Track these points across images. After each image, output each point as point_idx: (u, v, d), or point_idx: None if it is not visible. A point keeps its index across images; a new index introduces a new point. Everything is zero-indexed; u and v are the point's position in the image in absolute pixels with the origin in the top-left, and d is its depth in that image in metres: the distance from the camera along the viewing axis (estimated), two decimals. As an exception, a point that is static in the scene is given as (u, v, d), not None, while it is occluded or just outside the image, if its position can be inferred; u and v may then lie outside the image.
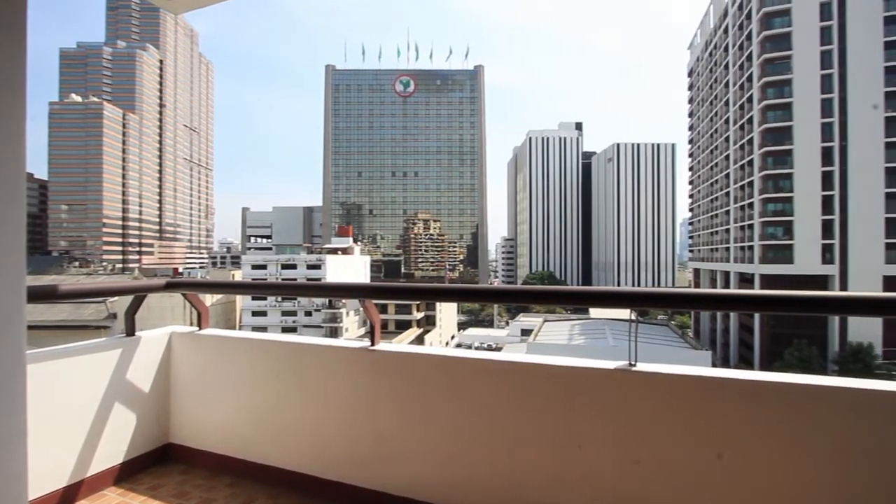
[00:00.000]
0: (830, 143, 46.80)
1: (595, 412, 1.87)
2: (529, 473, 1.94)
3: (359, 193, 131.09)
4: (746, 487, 1.64)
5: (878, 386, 1.53)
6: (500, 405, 2.02)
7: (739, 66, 55.66)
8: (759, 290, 2.65)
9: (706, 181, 70.28)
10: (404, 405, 2.20)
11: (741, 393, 1.68)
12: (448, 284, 2.30)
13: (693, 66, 77.55)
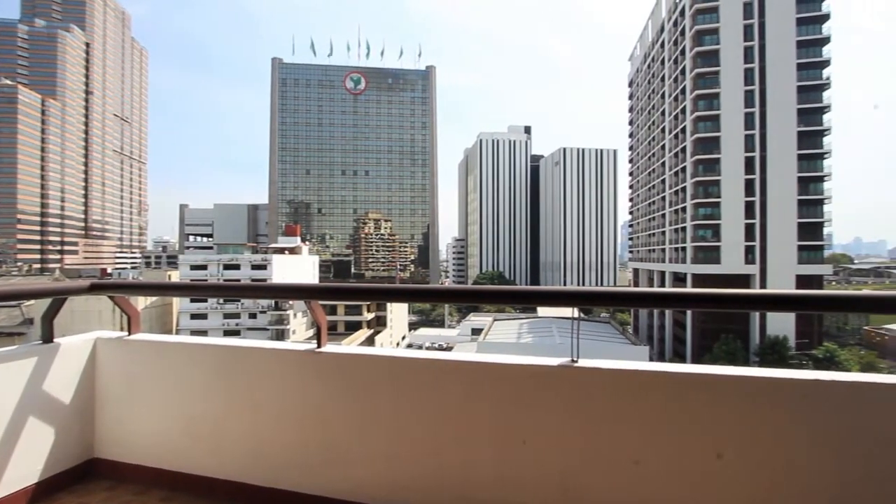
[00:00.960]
0: (752, 154, 51.07)
1: (540, 408, 1.92)
2: (477, 470, 1.97)
3: (307, 191, 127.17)
4: (682, 472, 1.77)
5: (793, 375, 1.71)
6: (448, 404, 2.03)
7: (674, 78, 59.41)
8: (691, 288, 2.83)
9: (645, 186, 74.42)
10: (352, 407, 2.16)
11: (672, 385, 1.81)
12: (398, 285, 2.24)
13: (633, 77, 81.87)
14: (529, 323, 50.46)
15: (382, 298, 2.44)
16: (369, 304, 55.61)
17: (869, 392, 1.64)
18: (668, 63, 61.61)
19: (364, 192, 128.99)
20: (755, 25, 51.33)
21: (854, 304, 1.89)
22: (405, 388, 2.10)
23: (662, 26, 64.74)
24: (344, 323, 56.75)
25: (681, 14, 57.39)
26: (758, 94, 51.01)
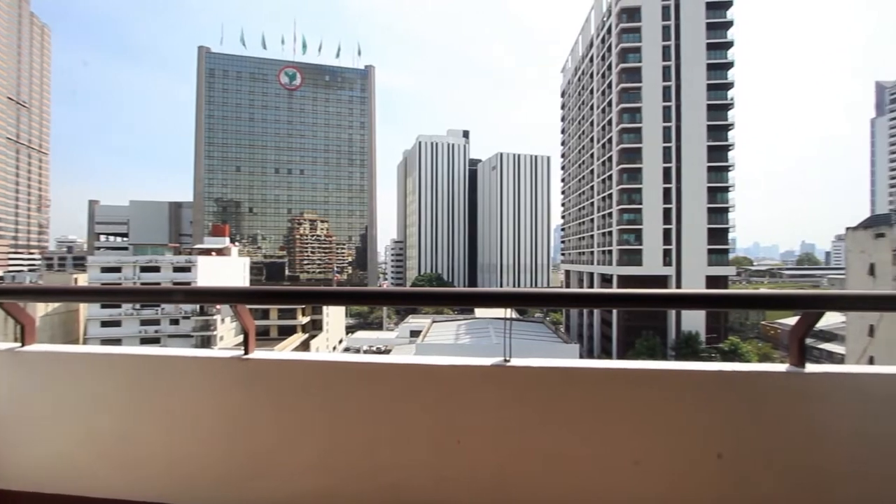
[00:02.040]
0: (669, 165, 55.52)
1: (474, 407, 1.95)
2: (412, 473, 1.97)
3: (237, 189, 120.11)
4: (609, 463, 1.90)
5: (702, 367, 1.90)
6: (382, 408, 2.01)
7: (602, 91, 63.14)
8: (616, 289, 2.98)
9: (575, 192, 78.31)
10: (282, 416, 2.06)
11: (597, 379, 1.94)
12: (335, 287, 2.14)
13: (565, 88, 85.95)
14: (467, 324, 51.20)
15: (317, 301, 2.35)
16: (304, 307, 53.67)
17: (763, 379, 1.86)
18: (597, 77, 65.37)
19: (299, 191, 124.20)
20: (672, 47, 55.93)
21: (753, 302, 2.13)
22: (339, 393, 2.04)
23: (591, 42, 68.60)
24: (277, 327, 54.33)
25: (608, 32, 61.16)
26: (674, 110, 55.61)
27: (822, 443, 1.81)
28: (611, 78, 59.33)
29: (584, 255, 71.81)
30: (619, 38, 57.26)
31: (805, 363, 1.87)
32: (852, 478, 1.81)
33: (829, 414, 1.82)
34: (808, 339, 1.99)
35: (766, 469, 1.82)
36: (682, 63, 55.52)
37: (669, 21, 56.02)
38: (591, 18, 69.53)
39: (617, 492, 1.89)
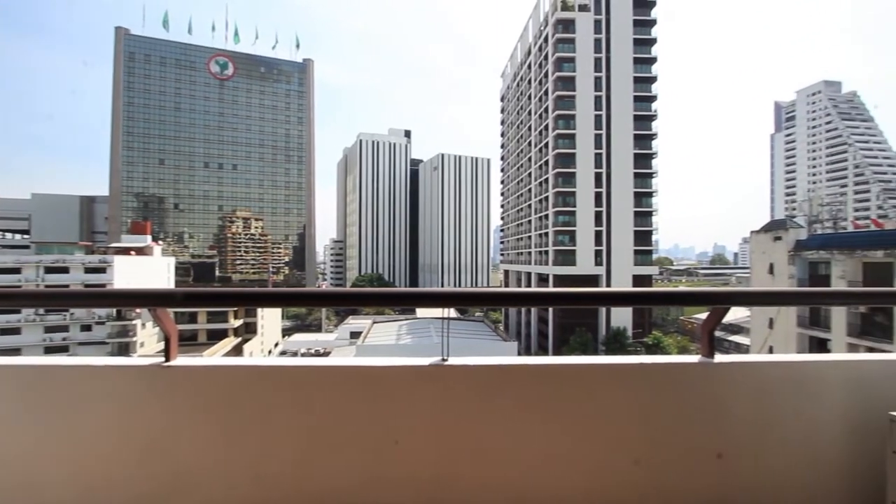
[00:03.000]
0: (600, 170, 58.75)
1: (412, 408, 1.95)
2: (348, 476, 1.94)
3: (161, 184, 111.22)
4: (546, 456, 1.99)
5: (626, 360, 2.06)
6: (319, 412, 1.94)
7: (539, 98, 65.52)
8: (553, 288, 3.11)
9: (514, 194, 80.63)
10: (209, 427, 1.92)
11: (531, 375, 2.02)
12: (270, 289, 2.01)
13: (504, 93, 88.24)
14: (409, 324, 51.08)
15: (249, 304, 2.23)
16: (236, 309, 50.90)
17: (678, 370, 2.05)
18: (534, 83, 67.74)
19: (231, 187, 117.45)
20: (603, 59, 59.23)
21: (673, 299, 2.32)
22: (272, 399, 1.94)
23: (530, 49, 70.98)
24: (206, 332, 51.08)
25: (545, 41, 63.57)
26: (605, 119, 58.95)
27: (729, 426, 2.02)
28: (547, 85, 61.69)
29: (523, 256, 74.11)
30: (554, 48, 59.70)
31: (714, 354, 2.07)
32: (753, 457, 2.03)
33: (734, 399, 2.03)
34: (719, 332, 2.23)
35: (680, 454, 2.00)
36: (612, 75, 58.97)
37: (601, 35, 59.26)
38: (530, 27, 71.95)
39: (549, 484, 1.98)
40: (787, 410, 2.04)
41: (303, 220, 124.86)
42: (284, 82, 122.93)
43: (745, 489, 2.02)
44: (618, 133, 58.60)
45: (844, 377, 2.07)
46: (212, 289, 2.08)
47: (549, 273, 60.18)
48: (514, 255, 79.56)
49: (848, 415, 2.03)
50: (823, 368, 2.08)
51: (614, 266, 58.31)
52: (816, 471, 2.02)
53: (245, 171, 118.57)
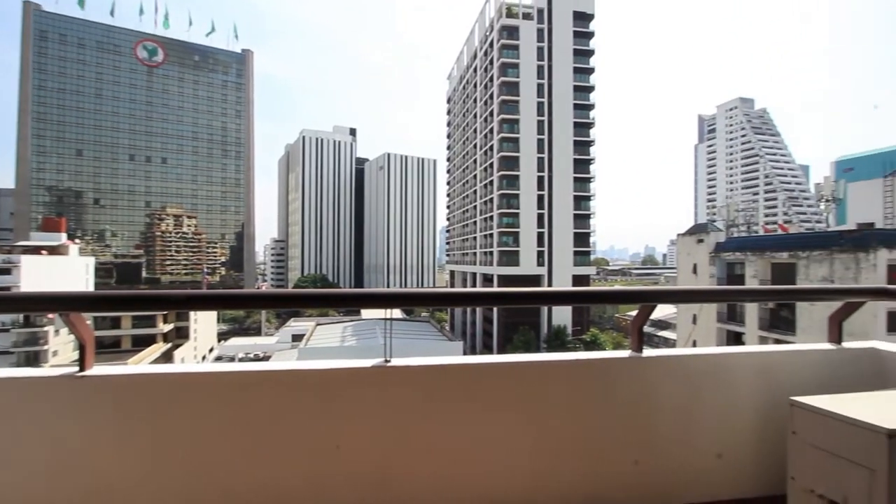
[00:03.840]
0: (542, 174, 60.82)
1: (354, 410, 1.94)
2: (290, 483, 1.89)
3: (79, 177, 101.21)
4: (489, 453, 2.05)
5: (563, 357, 2.18)
6: (256, 420, 1.87)
7: (484, 101, 66.70)
8: (497, 288, 3.19)
9: (460, 195, 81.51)
10: (132, 441, 1.78)
11: (472, 374, 2.09)
12: (203, 290, 1.88)
13: (451, 95, 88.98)
14: (354, 325, 50.14)
15: (178, 307, 2.08)
16: (166, 313, 47.53)
17: (611, 364, 2.19)
18: (480, 87, 68.87)
19: (161, 182, 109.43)
20: (545, 67, 61.36)
21: (608, 298, 2.47)
22: (205, 408, 1.84)
23: (476, 53, 72.07)
24: (131, 338, 47.32)
25: (490, 46, 64.82)
26: (546, 125, 61.08)
27: (656, 415, 2.17)
28: (493, 89, 62.96)
29: (468, 256, 75.08)
30: (499, 53, 61.05)
31: (643, 348, 2.22)
32: (678, 442, 2.20)
33: (661, 390, 2.19)
34: (651, 328, 2.41)
35: (612, 444, 2.13)
36: (554, 82, 61.25)
37: (543, 43, 61.36)
38: (476, 31, 73.06)
39: (491, 479, 2.04)
40: (706, 398, 2.23)
41: (241, 219, 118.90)
42: (221, 73, 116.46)
43: (670, 472, 2.19)
44: (559, 138, 60.96)
45: (754, 367, 2.30)
46: (134, 292, 1.92)
47: (494, 273, 61.41)
48: (460, 255, 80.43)
49: (757, 400, 2.25)
50: (737, 359, 2.30)
51: (555, 266, 60.58)
52: (732, 450, 2.23)
53: (176, 165, 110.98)
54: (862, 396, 1.82)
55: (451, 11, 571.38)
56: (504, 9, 61.61)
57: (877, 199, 23.36)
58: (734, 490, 2.22)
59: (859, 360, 2.45)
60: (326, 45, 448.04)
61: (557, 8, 61.55)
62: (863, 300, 2.53)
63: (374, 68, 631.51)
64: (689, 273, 31.59)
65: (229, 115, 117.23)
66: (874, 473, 1.51)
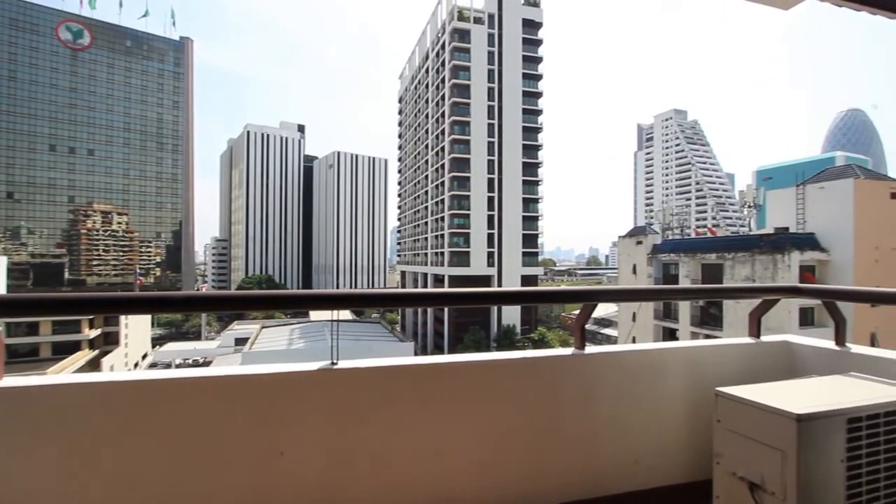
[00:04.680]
0: (493, 176, 61.93)
1: (299, 415, 1.89)
2: (229, 492, 1.82)
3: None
4: (430, 452, 2.06)
5: (511, 356, 2.23)
6: (192, 429, 1.77)
7: (436, 102, 66.96)
8: (447, 288, 3.22)
9: (411, 195, 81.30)
10: (46, 458, 1.63)
11: (422, 375, 2.10)
12: (136, 293, 1.74)
13: (402, 95, 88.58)
14: (302, 328, 48.69)
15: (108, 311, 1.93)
16: (92, 317, 43.91)
17: (555, 362, 2.28)
18: (432, 88, 69.07)
19: (87, 176, 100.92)
20: (496, 71, 62.55)
21: (554, 297, 2.56)
22: (132, 420, 1.71)
23: (427, 54, 72.20)
24: (50, 345, 43.31)
25: (442, 47, 65.17)
26: (497, 128, 62.27)
27: (597, 409, 2.29)
28: (444, 91, 63.33)
29: (419, 257, 75.03)
30: (451, 55, 61.53)
31: (585, 346, 2.33)
32: (617, 433, 2.32)
33: (602, 385, 2.31)
34: (596, 326, 2.52)
35: (560, 437, 2.23)
36: (504, 87, 62.56)
37: (494, 48, 62.52)
38: (428, 32, 73.20)
39: (442, 480, 2.06)
40: (642, 391, 2.38)
41: (179, 216, 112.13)
42: (157, 60, 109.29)
43: (612, 463, 2.31)
44: (509, 142, 62.32)
45: (684, 361, 2.47)
46: (54, 294, 1.74)
47: (445, 274, 61.76)
48: (411, 256, 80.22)
49: (687, 391, 2.43)
50: (669, 354, 2.47)
51: (505, 267, 61.86)
52: (665, 439, 2.39)
53: (105, 157, 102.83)
54: (776, 385, 2.00)
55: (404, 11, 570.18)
56: (456, 11, 62.17)
57: (791, 206, 25.76)
58: (667, 477, 2.38)
59: (775, 353, 2.70)
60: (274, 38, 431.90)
61: (507, 14, 62.96)
62: (778, 297, 2.79)
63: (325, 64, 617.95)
64: (629, 273, 33.31)
65: (166, 106, 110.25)
66: (786, 455, 1.67)
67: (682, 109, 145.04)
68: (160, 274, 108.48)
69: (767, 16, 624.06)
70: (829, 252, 23.93)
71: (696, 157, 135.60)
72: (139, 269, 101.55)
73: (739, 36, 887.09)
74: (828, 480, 1.66)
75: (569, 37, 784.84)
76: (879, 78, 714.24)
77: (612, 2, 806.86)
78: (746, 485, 1.80)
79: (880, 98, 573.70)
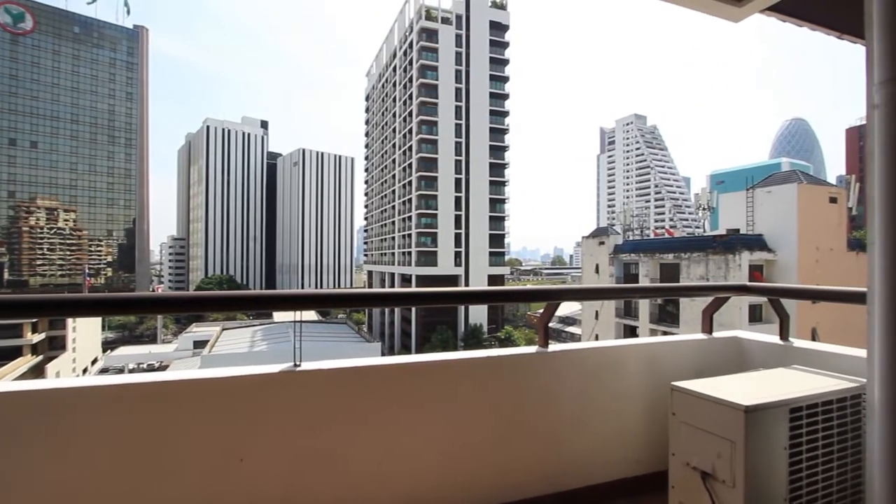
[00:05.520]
0: (460, 176, 62.25)
1: (260, 420, 1.84)
2: (185, 502, 1.75)
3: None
4: (395, 453, 2.06)
5: (476, 354, 2.26)
6: (144, 437, 1.69)
7: (404, 101, 66.66)
8: (414, 288, 3.22)
9: (378, 194, 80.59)
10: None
11: (388, 375, 2.09)
12: (84, 294, 1.63)
13: (369, 93, 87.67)
14: (264, 329, 47.40)
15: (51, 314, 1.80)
16: (34, 321, 41.24)
17: (520, 360, 2.32)
18: (399, 87, 68.71)
19: (29, 169, 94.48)
20: (463, 72, 62.89)
21: (521, 296, 2.61)
22: (77, 429, 1.61)
23: (395, 52, 71.76)
24: (-14, 351, 40.40)
25: (409, 46, 64.94)
26: (464, 128, 62.63)
27: (560, 406, 2.34)
28: (412, 90, 63.12)
29: (386, 256, 74.49)
30: (419, 55, 61.40)
31: (548, 344, 2.39)
32: (579, 430, 2.39)
33: (565, 382, 2.37)
34: (560, 324, 2.59)
35: (525, 433, 2.26)
36: (471, 87, 62.99)
37: (461, 49, 62.83)
38: (395, 30, 72.75)
39: (408, 478, 2.06)
40: (603, 387, 2.46)
41: (133, 213, 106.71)
42: (108, 49, 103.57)
43: (574, 458, 2.37)
44: (476, 142, 62.78)
45: (643, 357, 2.57)
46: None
47: (412, 273, 61.58)
48: (378, 255, 79.53)
49: (645, 387, 2.52)
50: (628, 351, 2.56)
51: (472, 266, 62.30)
52: (624, 433, 2.48)
53: (49, 150, 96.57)
54: (726, 379, 2.12)
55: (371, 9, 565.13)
56: (423, 11, 62.07)
57: (741, 208, 27.16)
58: (626, 469, 2.46)
59: (726, 348, 2.85)
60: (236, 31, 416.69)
61: (475, 15, 63.39)
62: (728, 296, 2.95)
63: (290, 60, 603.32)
64: (592, 272, 34.23)
65: (118, 97, 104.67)
66: (735, 444, 1.76)
67: (643, 115, 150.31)
68: (112, 274, 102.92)
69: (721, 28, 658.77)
70: (775, 252, 25.38)
71: (655, 161, 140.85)
72: (88, 270, 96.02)
73: (695, 46, 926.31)
74: (772, 467, 1.77)
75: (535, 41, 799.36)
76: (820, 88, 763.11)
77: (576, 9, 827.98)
78: (699, 474, 1.89)
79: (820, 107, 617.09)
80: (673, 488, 2.03)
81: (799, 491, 1.81)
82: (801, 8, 2.34)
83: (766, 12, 2.30)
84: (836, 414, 1.90)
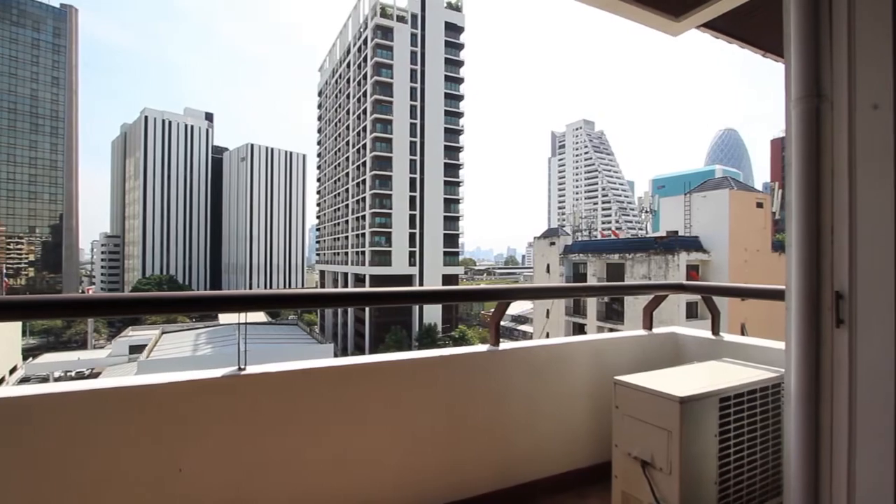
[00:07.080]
0: (415, 175, 62.16)
1: (201, 427, 1.77)
2: None
3: None
4: (358, 457, 2.04)
5: (429, 354, 2.27)
6: (66, 449, 1.58)
7: (358, 98, 65.66)
8: (367, 287, 3.18)
9: (331, 193, 78.88)
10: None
11: (337, 376, 2.04)
12: (1, 297, 1.45)
13: (322, 88, 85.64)
14: (209, 332, 45.07)
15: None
16: (-60, 327, 36.99)
17: (471, 359, 2.36)
18: (353, 84, 67.60)
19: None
20: (418, 71, 62.80)
21: (475, 296, 2.64)
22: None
23: (349, 48, 70.51)
24: None
25: (364, 43, 64.03)
26: (419, 128, 62.57)
27: (509, 402, 2.40)
28: (366, 87, 62.28)
29: (339, 256, 73.09)
30: (374, 52, 60.68)
31: (499, 342, 2.44)
32: (529, 425, 2.46)
33: (515, 379, 2.43)
34: (513, 322, 2.63)
35: (476, 431, 2.30)
36: (426, 87, 63.02)
37: (416, 48, 62.71)
38: (350, 25, 71.48)
39: (359, 481, 2.03)
40: (551, 384, 2.54)
41: (59, 209, 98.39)
42: (31, 29, 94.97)
43: (523, 453, 2.43)
44: (430, 142, 62.89)
45: (589, 353, 2.68)
46: None
47: (366, 273, 60.80)
48: (331, 255, 77.88)
49: (591, 382, 2.63)
50: (575, 348, 2.66)
51: (426, 266, 62.37)
52: (572, 427, 2.58)
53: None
54: (664, 372, 2.25)
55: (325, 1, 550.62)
56: (378, 8, 61.40)
57: (680, 212, 28.86)
58: (572, 462, 2.56)
59: (663, 343, 3.02)
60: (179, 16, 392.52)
61: (431, 15, 63.46)
62: (666, 294, 3.13)
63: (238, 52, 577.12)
64: (543, 272, 35.21)
65: (42, 81, 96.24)
66: (671, 434, 1.88)
67: (591, 120, 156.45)
68: (34, 274, 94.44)
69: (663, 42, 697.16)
70: (709, 253, 27.20)
71: (603, 165, 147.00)
72: (5, 269, 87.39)
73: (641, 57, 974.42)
74: (704, 454, 1.90)
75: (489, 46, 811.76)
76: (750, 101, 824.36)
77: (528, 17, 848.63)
78: (640, 463, 1.99)
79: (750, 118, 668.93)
80: (616, 478, 2.13)
81: (727, 475, 1.96)
82: (731, 26, 2.53)
83: (702, 28, 2.47)
84: (759, 402, 2.07)
